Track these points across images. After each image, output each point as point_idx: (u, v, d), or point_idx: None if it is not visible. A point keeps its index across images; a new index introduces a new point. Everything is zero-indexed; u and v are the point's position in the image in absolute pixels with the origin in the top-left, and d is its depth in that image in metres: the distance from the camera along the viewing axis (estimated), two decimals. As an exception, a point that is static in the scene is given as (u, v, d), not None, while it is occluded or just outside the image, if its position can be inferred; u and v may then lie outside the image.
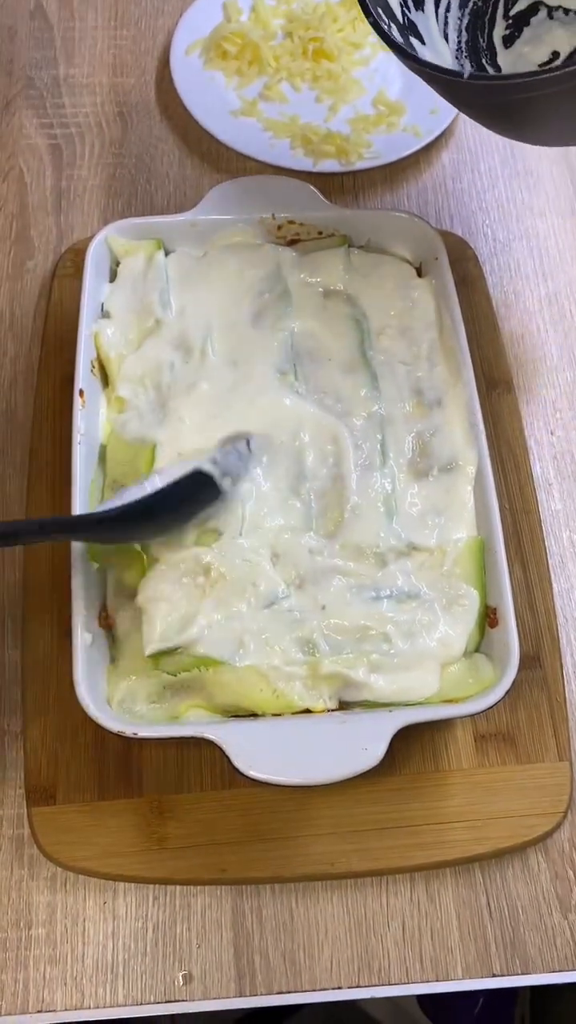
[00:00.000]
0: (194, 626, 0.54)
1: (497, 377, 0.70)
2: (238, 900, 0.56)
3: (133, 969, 0.55)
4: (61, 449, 0.64)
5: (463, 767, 0.58)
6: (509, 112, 0.52)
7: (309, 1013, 0.94)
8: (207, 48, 0.85)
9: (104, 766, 0.58)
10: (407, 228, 0.68)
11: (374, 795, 0.56)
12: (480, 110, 0.55)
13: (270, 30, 0.86)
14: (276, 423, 0.61)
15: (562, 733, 0.59)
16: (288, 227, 0.69)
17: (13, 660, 0.62)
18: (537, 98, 0.48)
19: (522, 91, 0.47)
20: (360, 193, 0.80)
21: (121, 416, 0.62)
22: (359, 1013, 0.96)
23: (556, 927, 0.56)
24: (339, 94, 0.83)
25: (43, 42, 0.88)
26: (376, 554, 0.58)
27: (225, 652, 0.54)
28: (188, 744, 0.58)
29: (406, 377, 0.64)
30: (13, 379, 0.71)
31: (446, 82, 0.51)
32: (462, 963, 0.55)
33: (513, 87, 0.48)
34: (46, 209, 0.79)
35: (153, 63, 0.87)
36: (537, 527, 0.65)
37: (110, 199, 0.80)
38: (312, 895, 0.56)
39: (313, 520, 0.59)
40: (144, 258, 0.67)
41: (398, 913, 0.56)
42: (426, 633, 0.56)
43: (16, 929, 0.55)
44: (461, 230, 0.78)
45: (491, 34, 0.63)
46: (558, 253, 0.78)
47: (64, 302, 0.72)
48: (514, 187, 0.81)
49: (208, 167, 0.82)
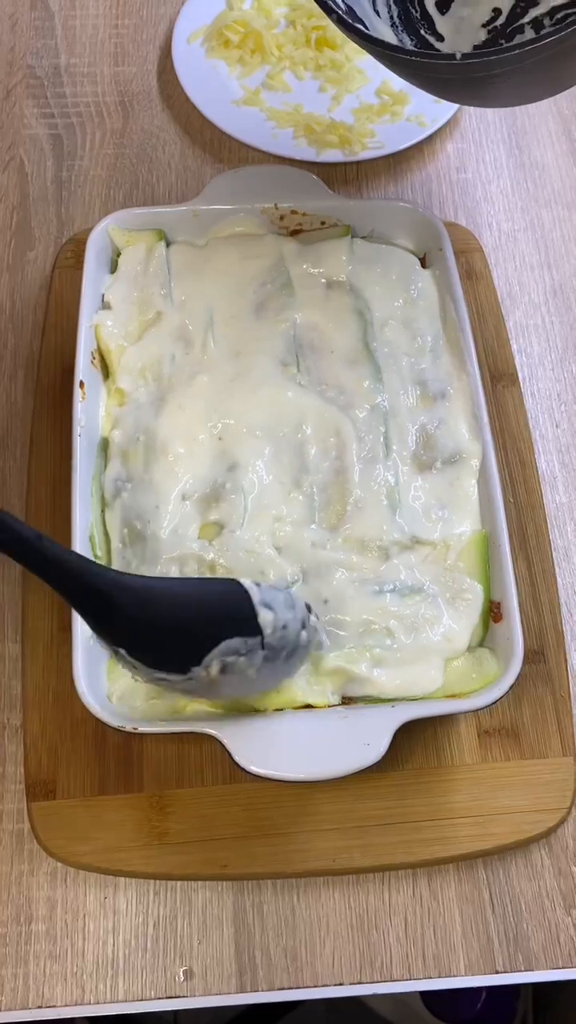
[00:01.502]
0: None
1: (502, 369, 0.70)
2: (239, 896, 0.56)
3: (134, 965, 0.54)
4: (61, 441, 0.63)
5: (466, 762, 0.57)
6: (482, 84, 0.50)
7: (310, 1004, 0.94)
8: (209, 37, 0.84)
9: (104, 761, 0.57)
10: (411, 218, 0.68)
11: (376, 790, 0.56)
12: (451, 86, 0.53)
13: (273, 18, 0.85)
14: (278, 415, 0.61)
15: (566, 728, 0.58)
16: (291, 217, 0.68)
17: (13, 654, 0.61)
18: (518, 69, 0.47)
19: (506, 65, 0.46)
20: (364, 183, 0.80)
21: (122, 409, 0.62)
22: (360, 1006, 0.96)
23: (560, 924, 0.55)
24: (342, 83, 0.83)
25: (44, 31, 0.87)
26: (379, 547, 0.57)
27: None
28: (189, 739, 0.57)
29: (410, 369, 0.63)
30: (13, 371, 0.71)
31: (422, 64, 0.49)
32: (465, 960, 0.55)
33: (497, 62, 0.46)
34: (47, 199, 0.78)
35: (155, 52, 0.86)
36: (542, 521, 0.65)
37: (111, 189, 0.79)
38: (314, 891, 0.56)
39: (316, 513, 0.58)
40: (145, 249, 0.67)
41: (400, 909, 0.56)
42: (429, 628, 0.55)
43: (16, 924, 0.55)
44: (466, 221, 0.78)
45: (423, 3, 0.61)
46: (563, 244, 0.77)
47: (64, 293, 0.71)
48: (519, 177, 0.80)
49: (210, 157, 0.81)
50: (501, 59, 0.46)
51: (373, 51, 0.51)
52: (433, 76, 0.51)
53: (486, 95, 0.53)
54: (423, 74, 0.51)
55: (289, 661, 0.49)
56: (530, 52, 0.45)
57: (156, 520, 0.58)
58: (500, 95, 0.52)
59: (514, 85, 0.49)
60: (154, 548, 0.57)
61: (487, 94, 0.52)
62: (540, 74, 0.48)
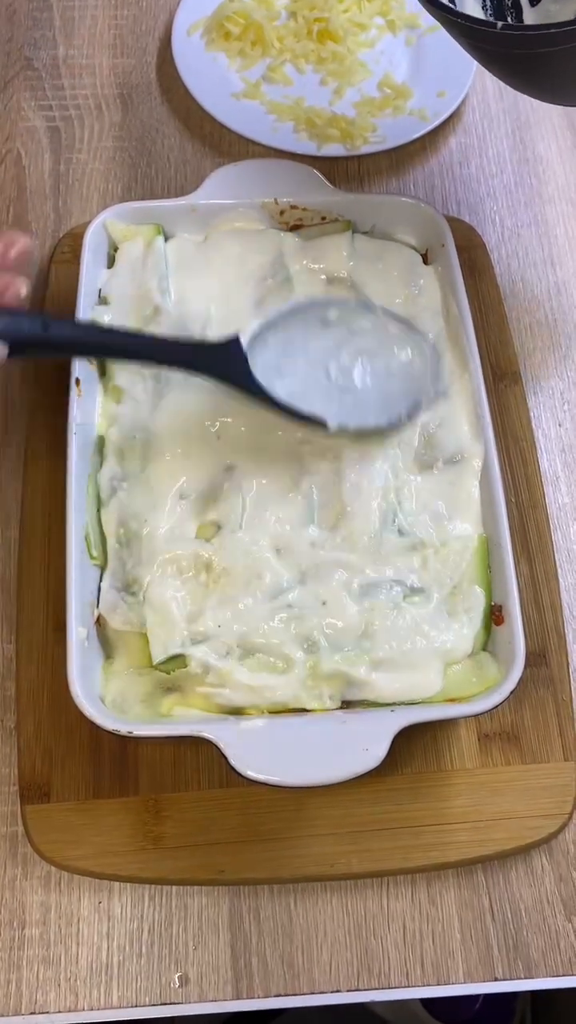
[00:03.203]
0: (200, 626, 0.54)
1: (504, 367, 0.69)
2: (235, 901, 0.55)
3: (128, 971, 0.54)
4: (57, 439, 0.62)
5: (466, 767, 0.57)
6: (535, 66, 0.51)
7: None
8: (209, 28, 0.83)
9: (99, 763, 0.56)
10: (413, 214, 0.67)
11: (375, 795, 0.55)
12: (508, 66, 0.54)
13: (274, 10, 0.84)
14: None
15: (568, 732, 0.58)
16: (291, 212, 0.67)
17: (7, 654, 0.60)
18: (560, 53, 0.47)
19: (547, 43, 0.47)
20: (365, 178, 0.79)
21: (118, 406, 0.61)
22: (356, 1004, 0.96)
23: (560, 931, 0.55)
24: (344, 76, 0.82)
25: (42, 22, 0.86)
26: (379, 549, 0.56)
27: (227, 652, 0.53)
28: (185, 742, 0.56)
29: (411, 367, 0.62)
30: (9, 366, 0.70)
31: (478, 34, 0.50)
32: (464, 966, 0.54)
33: (540, 38, 0.47)
34: (44, 193, 0.77)
35: (154, 43, 0.85)
36: (544, 522, 0.64)
37: (109, 183, 0.78)
38: (311, 896, 0.55)
39: (315, 513, 0.58)
40: (143, 243, 0.66)
41: (399, 915, 0.55)
42: (429, 630, 0.54)
43: (9, 929, 0.54)
44: (468, 216, 0.77)
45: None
46: (567, 241, 0.76)
47: (62, 288, 0.70)
48: (523, 173, 0.79)
49: (209, 150, 0.80)
50: (540, 36, 0.47)
51: (432, 11, 0.52)
52: (484, 48, 0.51)
53: (541, 82, 0.54)
54: (474, 43, 0.51)
55: None
56: (566, 34, 0.45)
57: (153, 519, 0.57)
58: (555, 83, 0.53)
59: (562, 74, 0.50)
60: (151, 547, 0.56)
61: (541, 80, 0.53)
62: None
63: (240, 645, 0.54)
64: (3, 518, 0.64)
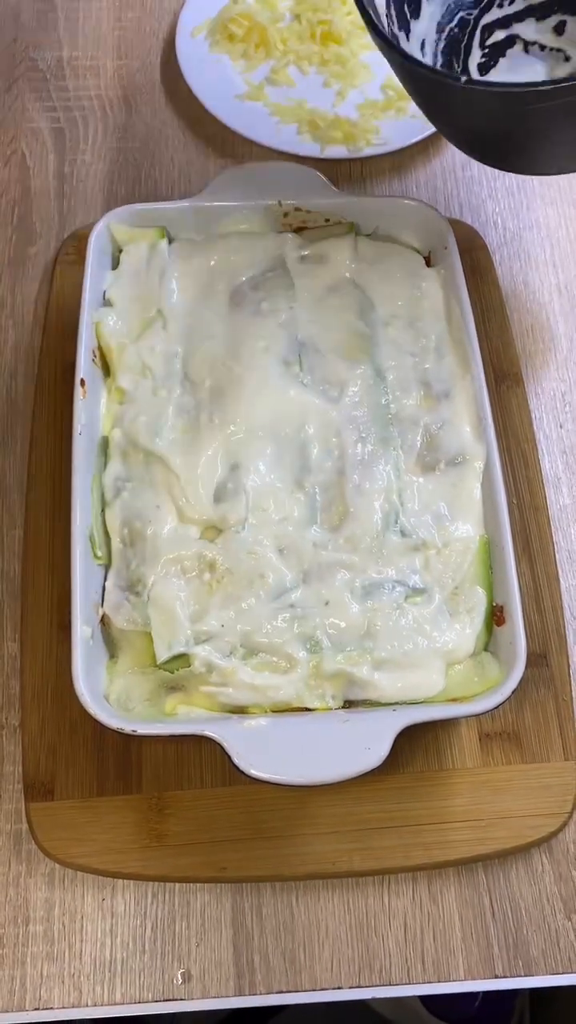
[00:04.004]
0: (203, 625, 0.54)
1: (506, 369, 0.69)
2: (238, 898, 0.55)
3: (131, 967, 0.54)
4: (61, 439, 0.63)
5: (467, 766, 0.57)
6: (503, 130, 0.51)
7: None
8: (213, 30, 0.83)
9: (103, 761, 0.57)
10: (416, 216, 0.67)
11: (376, 793, 0.56)
12: (472, 125, 0.54)
13: (277, 12, 0.84)
14: (280, 415, 0.60)
15: (568, 732, 0.58)
16: (294, 214, 0.67)
17: (12, 653, 0.61)
18: (535, 111, 0.47)
19: (526, 102, 0.46)
20: (368, 180, 0.79)
21: (122, 407, 0.61)
22: (356, 1001, 0.96)
23: (560, 929, 0.55)
24: (347, 78, 0.82)
25: (46, 23, 0.86)
26: (381, 549, 0.57)
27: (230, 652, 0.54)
28: (188, 741, 0.57)
29: (413, 369, 0.62)
30: (14, 367, 0.70)
31: (439, 87, 0.50)
32: (464, 964, 0.54)
33: (518, 96, 0.47)
34: (48, 194, 0.78)
35: (158, 45, 0.85)
36: (545, 523, 0.64)
37: (113, 184, 0.78)
38: (313, 894, 0.56)
39: (318, 513, 0.58)
40: (147, 246, 0.66)
41: (400, 913, 0.55)
42: (431, 630, 0.55)
43: (13, 926, 0.55)
44: (471, 219, 0.77)
45: (467, 61, 0.62)
46: (569, 243, 0.77)
47: (66, 289, 0.71)
48: (525, 175, 0.80)
49: (213, 152, 0.80)
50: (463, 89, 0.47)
51: (393, 60, 0.52)
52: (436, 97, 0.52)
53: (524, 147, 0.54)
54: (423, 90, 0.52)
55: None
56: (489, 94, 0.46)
57: (157, 520, 0.57)
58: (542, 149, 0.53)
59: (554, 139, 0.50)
60: (155, 548, 0.57)
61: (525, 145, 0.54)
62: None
63: (243, 645, 0.54)
64: (8, 518, 0.65)
